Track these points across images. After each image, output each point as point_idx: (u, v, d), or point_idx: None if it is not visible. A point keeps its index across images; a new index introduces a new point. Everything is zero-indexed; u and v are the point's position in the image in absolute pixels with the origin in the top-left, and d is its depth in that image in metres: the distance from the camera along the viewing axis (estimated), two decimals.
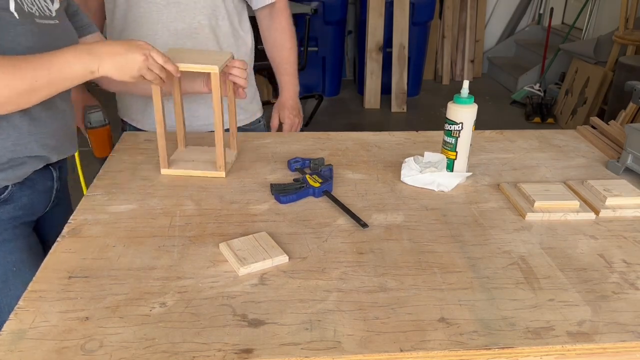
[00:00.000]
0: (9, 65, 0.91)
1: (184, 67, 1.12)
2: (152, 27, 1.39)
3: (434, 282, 0.90)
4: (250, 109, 1.61)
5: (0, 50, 0.94)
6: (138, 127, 1.54)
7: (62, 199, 1.24)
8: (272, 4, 1.52)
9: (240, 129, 1.46)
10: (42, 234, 1.19)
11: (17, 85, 0.92)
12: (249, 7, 1.55)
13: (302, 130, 1.64)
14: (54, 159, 1.12)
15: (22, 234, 1.11)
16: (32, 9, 1.01)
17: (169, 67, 1.08)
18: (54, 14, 1.07)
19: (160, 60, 1.07)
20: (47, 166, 1.13)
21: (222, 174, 1.22)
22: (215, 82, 1.13)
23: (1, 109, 0.93)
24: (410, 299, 0.86)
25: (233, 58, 1.23)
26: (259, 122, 1.64)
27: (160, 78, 1.09)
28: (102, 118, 1.39)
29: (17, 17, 0.97)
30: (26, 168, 1.06)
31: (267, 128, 1.65)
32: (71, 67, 0.98)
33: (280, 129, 1.61)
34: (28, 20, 0.99)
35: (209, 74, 1.15)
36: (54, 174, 1.16)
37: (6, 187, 1.05)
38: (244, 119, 1.57)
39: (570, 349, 0.78)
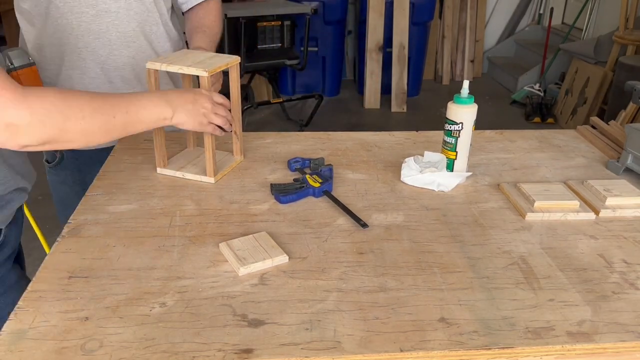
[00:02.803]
0: (89, 100, 0.88)
1: (175, 69, 1.11)
2: (83, 38, 1.31)
3: (434, 282, 0.90)
4: None
5: None
6: None
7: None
8: (203, 2, 1.47)
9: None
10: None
11: (95, 123, 0.88)
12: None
13: (302, 130, 1.64)
14: (30, 187, 1.08)
15: (16, 272, 1.09)
16: None
17: (226, 102, 1.12)
18: None
19: (221, 100, 1.10)
20: None
21: (212, 180, 1.20)
22: (204, 86, 1.11)
23: (72, 144, 0.89)
24: (410, 299, 0.86)
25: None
26: None
27: (226, 121, 1.12)
28: (25, 56, 1.20)
29: None
30: (14, 204, 1.02)
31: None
32: (148, 111, 0.97)
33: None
34: None
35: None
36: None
37: (0, 230, 1.02)
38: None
39: (570, 349, 0.78)
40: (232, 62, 1.19)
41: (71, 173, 1.44)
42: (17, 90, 0.80)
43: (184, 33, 1.50)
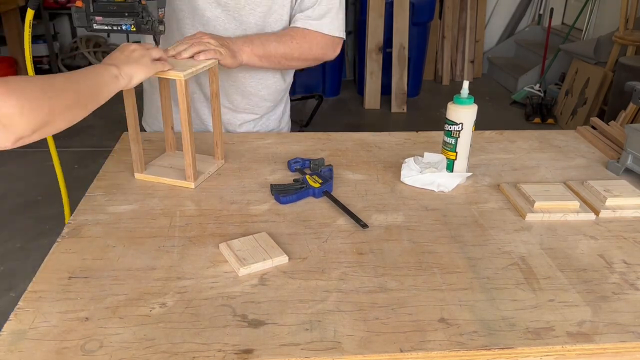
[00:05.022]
0: (53, 78, 0.87)
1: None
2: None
3: (434, 283, 0.90)
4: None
5: None
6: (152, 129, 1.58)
7: None
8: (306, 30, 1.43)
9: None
10: None
11: (70, 95, 0.88)
12: None
13: (302, 130, 1.63)
14: None
15: None
16: None
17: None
18: None
19: (144, 45, 1.10)
20: None
21: (191, 184, 1.18)
22: (180, 89, 1.10)
23: (59, 125, 0.87)
24: (410, 300, 0.86)
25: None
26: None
27: (162, 51, 1.12)
28: None
29: None
30: None
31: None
32: (100, 74, 0.97)
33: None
34: None
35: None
36: None
37: None
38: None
39: (570, 350, 0.78)
40: (209, 64, 1.18)
41: None
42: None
43: None
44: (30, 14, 1.20)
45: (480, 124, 1.27)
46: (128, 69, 1.03)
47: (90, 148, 3.76)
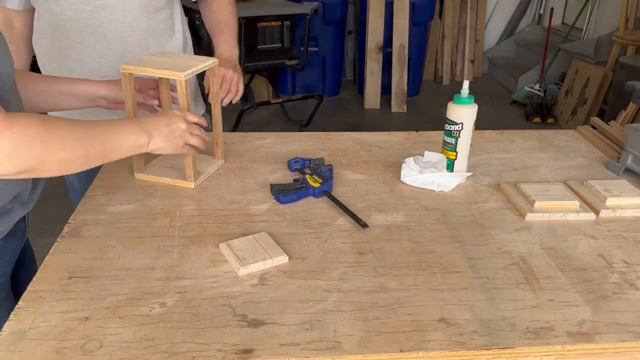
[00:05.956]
0: (71, 129, 0.85)
1: (150, 72, 1.09)
2: (81, 33, 1.33)
3: (434, 282, 0.90)
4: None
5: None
6: None
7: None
8: None
9: None
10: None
11: (75, 152, 0.85)
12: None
13: (302, 130, 1.63)
14: (27, 194, 1.00)
15: (8, 293, 1.01)
16: None
17: (201, 121, 1.11)
18: None
19: (195, 119, 1.09)
20: None
21: (191, 184, 1.18)
22: (180, 89, 1.09)
23: (46, 174, 0.84)
24: (410, 299, 0.86)
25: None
26: (204, 117, 1.57)
27: (203, 140, 1.11)
28: None
29: None
30: (13, 215, 0.96)
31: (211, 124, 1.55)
32: (124, 138, 0.95)
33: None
34: None
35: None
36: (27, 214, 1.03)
37: None
38: None
39: (570, 349, 0.78)
40: (210, 64, 1.17)
41: None
42: (2, 117, 0.74)
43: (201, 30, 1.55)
44: None
45: (480, 124, 1.27)
46: (159, 143, 1.01)
47: None
